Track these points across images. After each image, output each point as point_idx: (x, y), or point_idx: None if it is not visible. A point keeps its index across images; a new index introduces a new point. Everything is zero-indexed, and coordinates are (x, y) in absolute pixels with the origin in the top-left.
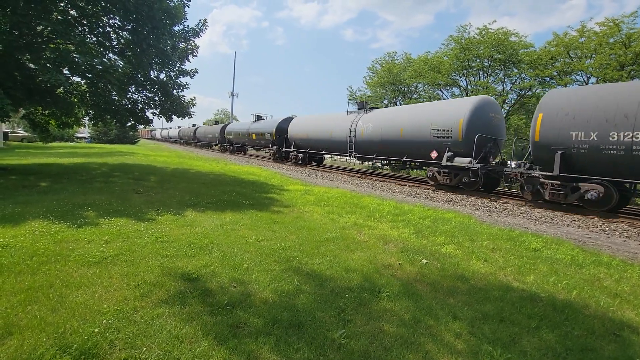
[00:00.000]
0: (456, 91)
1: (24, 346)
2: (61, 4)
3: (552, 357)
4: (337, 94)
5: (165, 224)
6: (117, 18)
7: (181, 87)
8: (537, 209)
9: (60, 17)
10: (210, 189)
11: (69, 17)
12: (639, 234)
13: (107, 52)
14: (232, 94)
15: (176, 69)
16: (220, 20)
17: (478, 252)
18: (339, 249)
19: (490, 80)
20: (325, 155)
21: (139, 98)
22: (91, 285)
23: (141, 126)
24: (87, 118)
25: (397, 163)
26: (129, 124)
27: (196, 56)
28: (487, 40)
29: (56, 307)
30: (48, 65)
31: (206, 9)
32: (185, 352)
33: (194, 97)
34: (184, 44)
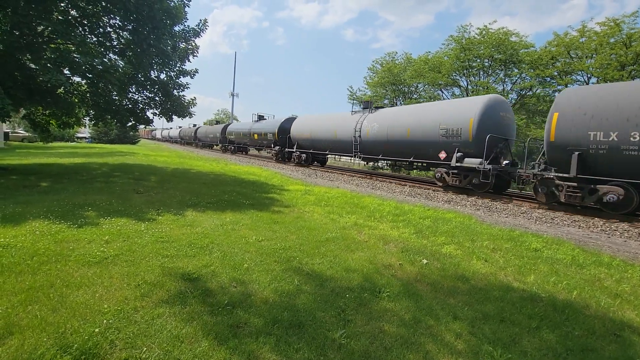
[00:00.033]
0: (456, 91)
1: (24, 346)
2: (62, 4)
3: (552, 357)
4: (337, 94)
5: (165, 224)
6: (118, 18)
7: (181, 87)
8: (537, 209)
9: (60, 17)
10: (211, 189)
11: (70, 17)
12: (639, 234)
13: (108, 52)
14: (233, 94)
15: (176, 69)
16: (220, 21)
17: (478, 252)
18: (340, 249)
19: (491, 80)
20: (328, 156)
21: (140, 98)
22: (92, 285)
23: (141, 126)
24: (88, 118)
25: (403, 164)
26: (129, 124)
27: (196, 56)
28: (487, 40)
29: (57, 307)
30: (48, 65)
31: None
32: (186, 352)
33: (195, 97)
34: (184, 44)
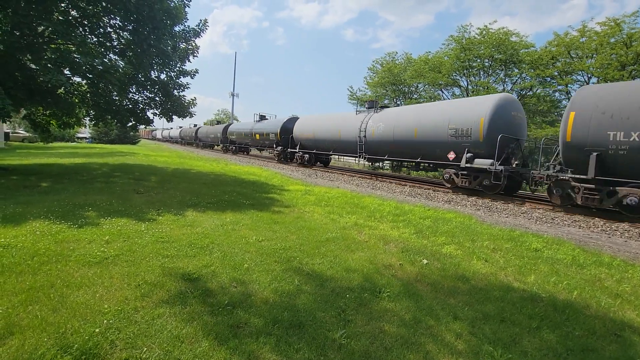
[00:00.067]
0: (457, 91)
1: (25, 346)
2: (62, 5)
3: (553, 357)
4: (337, 94)
5: (166, 224)
6: (118, 18)
7: (182, 87)
8: (537, 209)
9: (61, 17)
10: (211, 189)
11: (70, 18)
12: None
13: (108, 52)
14: (233, 94)
15: (177, 69)
16: (221, 21)
17: (479, 252)
18: (340, 249)
19: (491, 80)
20: (332, 156)
21: (140, 98)
22: (92, 285)
23: (142, 126)
24: (88, 118)
25: (409, 164)
26: (129, 124)
27: (197, 56)
28: (487, 40)
29: (57, 307)
30: (49, 65)
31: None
32: (186, 352)
33: (195, 97)
34: (184, 44)
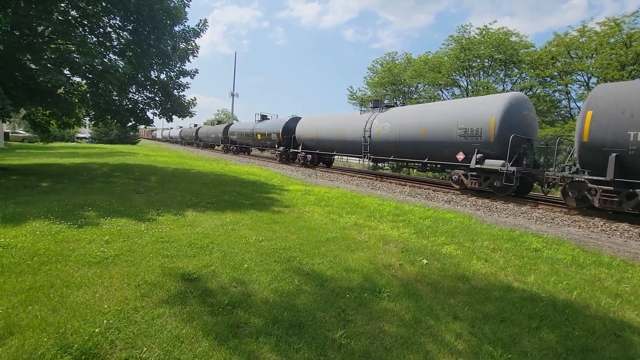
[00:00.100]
0: (456, 91)
1: (25, 346)
2: (62, 5)
3: (552, 357)
4: (337, 94)
5: (165, 224)
6: (118, 18)
7: (182, 87)
8: (537, 209)
9: (61, 17)
10: (211, 189)
11: (70, 18)
12: (639, 234)
13: (108, 52)
14: (233, 94)
15: (176, 69)
16: (220, 21)
17: (479, 252)
18: (340, 249)
19: (491, 81)
20: (335, 157)
21: (140, 98)
22: (92, 285)
23: (142, 126)
24: (88, 118)
25: (416, 165)
26: (129, 124)
27: (196, 56)
28: (487, 40)
29: (57, 307)
30: (49, 65)
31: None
32: (186, 352)
33: (195, 97)
34: (184, 44)
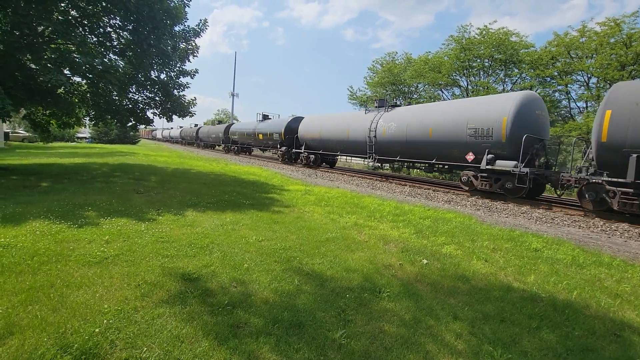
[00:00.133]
0: (457, 91)
1: (25, 346)
2: (62, 5)
3: (552, 357)
4: (337, 94)
5: (165, 224)
6: (118, 18)
7: (182, 87)
8: (537, 209)
9: (61, 17)
10: (211, 189)
11: (70, 18)
12: (639, 234)
13: (108, 52)
14: (233, 94)
15: (177, 69)
16: (221, 21)
17: (479, 252)
18: (340, 249)
19: (491, 81)
20: (339, 157)
21: (140, 98)
22: (92, 285)
23: (142, 126)
24: (88, 118)
25: (423, 166)
26: (129, 124)
27: (197, 56)
28: (487, 40)
29: (57, 307)
30: (49, 65)
31: (207, 9)
32: (186, 352)
33: (195, 97)
34: (184, 44)
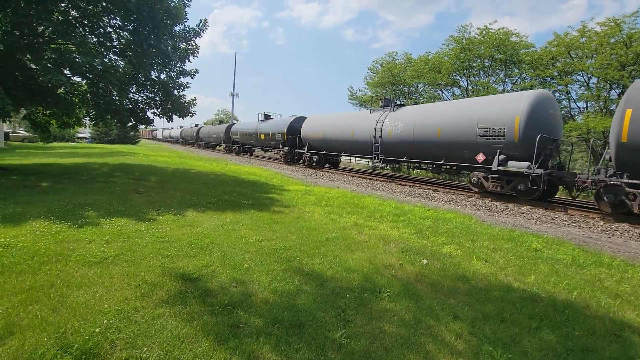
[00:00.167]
0: (457, 91)
1: (25, 346)
2: (62, 5)
3: (552, 357)
4: (337, 93)
5: (166, 224)
6: (118, 18)
7: (182, 87)
8: (537, 209)
9: (61, 17)
10: (211, 189)
11: (70, 18)
12: (639, 234)
13: (108, 52)
14: (233, 94)
15: (177, 69)
16: (221, 21)
17: (479, 252)
18: (340, 249)
19: (491, 81)
20: (342, 158)
21: (140, 98)
22: (92, 285)
23: (142, 126)
24: (88, 118)
25: (430, 166)
26: (129, 124)
27: (197, 56)
28: (487, 40)
29: (57, 307)
30: (49, 65)
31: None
32: (186, 352)
33: (195, 97)
34: (184, 44)
